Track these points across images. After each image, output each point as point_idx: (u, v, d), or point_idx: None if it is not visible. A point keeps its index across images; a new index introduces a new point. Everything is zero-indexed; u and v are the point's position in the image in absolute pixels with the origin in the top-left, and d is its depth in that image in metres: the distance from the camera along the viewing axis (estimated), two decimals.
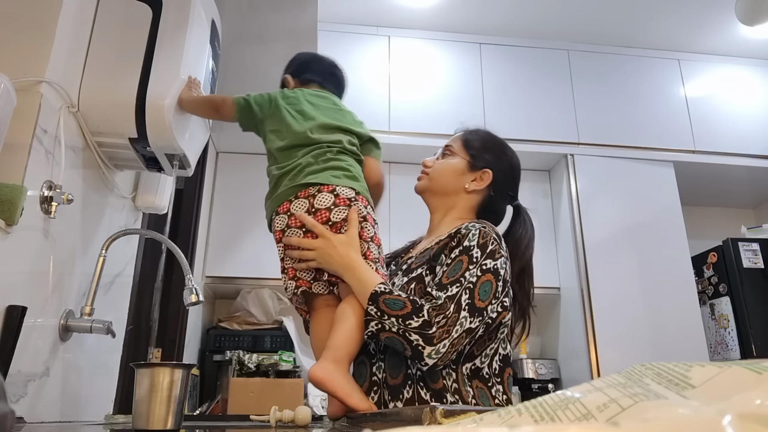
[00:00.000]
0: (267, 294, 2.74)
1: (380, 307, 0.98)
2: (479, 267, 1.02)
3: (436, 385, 1.02)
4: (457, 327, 0.95)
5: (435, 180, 1.25)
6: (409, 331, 0.95)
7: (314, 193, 1.10)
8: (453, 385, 1.02)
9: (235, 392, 2.32)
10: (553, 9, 2.93)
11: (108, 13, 1.31)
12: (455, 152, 1.26)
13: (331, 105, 1.29)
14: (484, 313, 0.99)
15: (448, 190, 1.23)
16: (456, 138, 1.30)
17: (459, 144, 1.28)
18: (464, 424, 0.33)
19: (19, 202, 0.97)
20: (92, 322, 1.23)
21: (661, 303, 2.70)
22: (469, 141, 1.27)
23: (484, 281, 1.01)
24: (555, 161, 3.04)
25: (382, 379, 1.07)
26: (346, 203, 1.09)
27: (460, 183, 1.23)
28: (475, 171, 1.23)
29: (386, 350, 1.07)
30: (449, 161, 1.25)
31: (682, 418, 0.23)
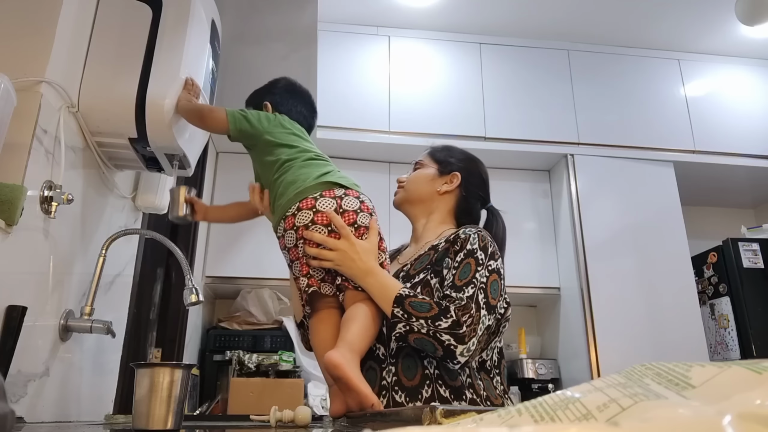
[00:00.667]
0: (267, 294, 2.74)
1: (407, 309, 1.03)
2: (486, 268, 1.09)
3: (455, 383, 1.06)
4: (480, 325, 1.03)
5: (410, 190, 1.33)
6: (440, 332, 1.00)
7: (341, 195, 1.12)
8: (467, 380, 1.07)
9: (235, 392, 2.32)
10: (553, 9, 2.93)
11: (108, 13, 1.30)
12: (424, 164, 1.36)
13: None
14: (496, 310, 1.08)
15: (423, 196, 1.31)
16: (423, 154, 1.40)
17: (427, 157, 1.38)
18: (464, 424, 0.33)
19: (19, 202, 0.97)
20: (92, 322, 1.23)
21: (661, 303, 2.70)
22: (435, 152, 1.37)
23: (493, 281, 1.09)
24: (555, 161, 3.04)
25: (392, 383, 1.08)
26: (369, 211, 1.14)
27: (432, 188, 1.31)
28: (444, 176, 1.32)
29: (398, 354, 1.09)
30: (420, 171, 1.35)
31: (682, 418, 0.23)
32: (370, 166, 2.98)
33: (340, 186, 1.14)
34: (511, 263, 3.27)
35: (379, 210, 1.26)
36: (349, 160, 2.97)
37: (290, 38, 2.05)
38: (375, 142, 2.84)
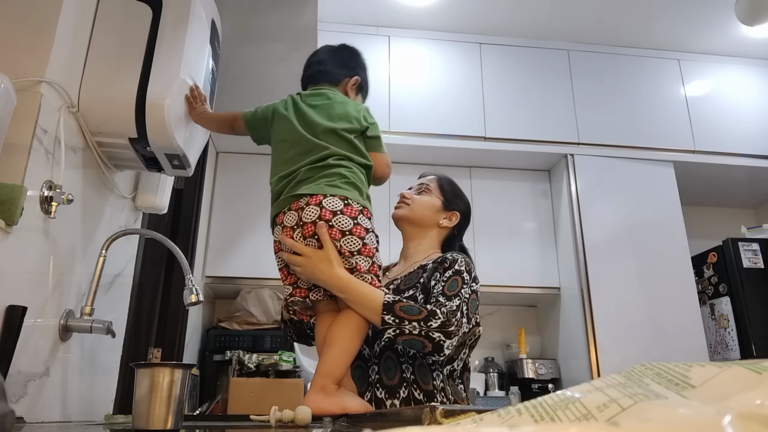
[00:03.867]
0: (267, 294, 2.74)
1: (397, 314, 1.10)
2: (469, 287, 1.23)
3: (427, 387, 1.18)
4: (462, 328, 1.16)
5: (415, 211, 1.41)
6: (431, 331, 1.10)
7: (303, 206, 1.12)
8: (440, 384, 1.19)
9: (235, 392, 2.32)
10: (553, 9, 2.93)
11: (108, 13, 1.30)
12: (432, 191, 1.44)
13: (325, 103, 1.27)
14: (472, 322, 1.22)
15: (425, 222, 1.41)
16: (432, 179, 1.48)
17: (435, 185, 1.46)
18: (464, 424, 0.33)
19: (19, 202, 0.97)
20: (92, 322, 1.23)
21: (661, 303, 2.70)
22: (444, 185, 1.46)
23: (473, 299, 1.23)
24: (555, 161, 3.04)
25: (375, 380, 1.21)
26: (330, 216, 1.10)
27: (435, 218, 1.41)
28: (446, 211, 1.42)
29: (381, 355, 1.21)
30: (428, 198, 1.43)
31: (682, 418, 0.23)
32: None
33: (303, 196, 1.12)
34: (511, 263, 3.28)
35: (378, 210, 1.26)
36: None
37: (290, 38, 2.04)
38: None
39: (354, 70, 1.39)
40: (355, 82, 1.37)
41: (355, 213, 1.12)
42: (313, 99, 1.28)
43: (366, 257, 1.12)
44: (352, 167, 1.18)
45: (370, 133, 1.25)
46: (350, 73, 1.38)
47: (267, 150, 1.61)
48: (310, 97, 1.29)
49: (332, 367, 1.11)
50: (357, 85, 1.38)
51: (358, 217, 1.12)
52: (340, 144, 1.19)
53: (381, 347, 1.22)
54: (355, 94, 1.38)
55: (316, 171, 1.14)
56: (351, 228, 1.10)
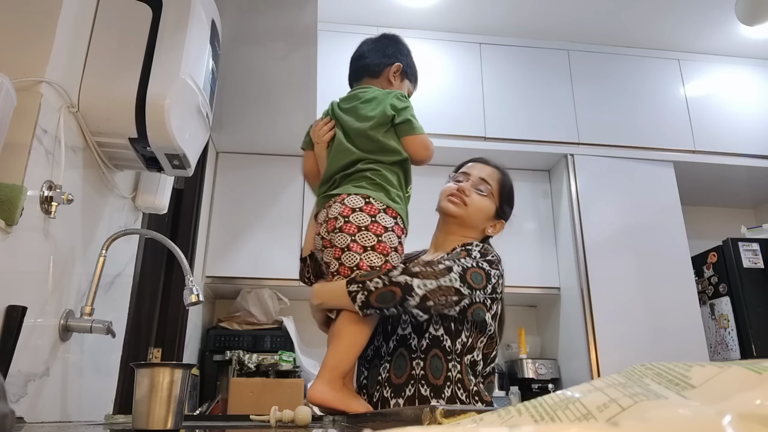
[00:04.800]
0: (267, 294, 2.74)
1: (358, 280, 1.09)
2: (475, 261, 1.17)
3: (437, 381, 1.12)
4: (447, 279, 1.09)
5: (470, 215, 1.33)
6: (394, 277, 1.07)
7: (331, 204, 1.19)
8: (457, 375, 1.13)
9: (235, 392, 2.32)
10: (553, 9, 2.93)
11: (108, 13, 1.30)
12: (492, 193, 1.35)
13: (357, 104, 1.32)
14: (473, 291, 1.13)
15: (474, 226, 1.34)
16: (495, 176, 1.37)
17: (496, 186, 1.36)
18: (464, 424, 0.33)
19: (19, 202, 0.97)
20: (92, 322, 1.23)
21: (661, 303, 2.70)
22: (504, 188, 1.37)
23: (476, 272, 1.15)
24: (555, 161, 3.04)
25: (384, 379, 1.17)
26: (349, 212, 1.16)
27: (485, 225, 1.35)
28: (496, 218, 1.35)
29: (393, 353, 1.18)
30: (486, 203, 1.34)
31: (682, 418, 0.23)
32: None
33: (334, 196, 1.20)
34: (511, 263, 3.27)
35: None
36: None
37: (290, 38, 2.04)
38: None
39: (394, 57, 1.40)
40: (396, 69, 1.39)
41: (374, 211, 1.16)
42: (345, 103, 1.34)
43: (379, 254, 1.14)
44: (380, 169, 1.22)
45: (398, 119, 1.26)
46: (390, 61, 1.39)
47: (267, 150, 1.63)
48: (343, 101, 1.35)
49: (339, 361, 1.12)
50: (399, 71, 1.39)
51: (378, 215, 1.16)
52: (369, 146, 1.24)
53: (393, 345, 1.19)
54: (401, 81, 1.39)
55: (347, 177, 1.22)
56: (368, 224, 1.14)
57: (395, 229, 1.18)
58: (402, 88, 1.39)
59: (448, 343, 1.15)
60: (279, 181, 2.91)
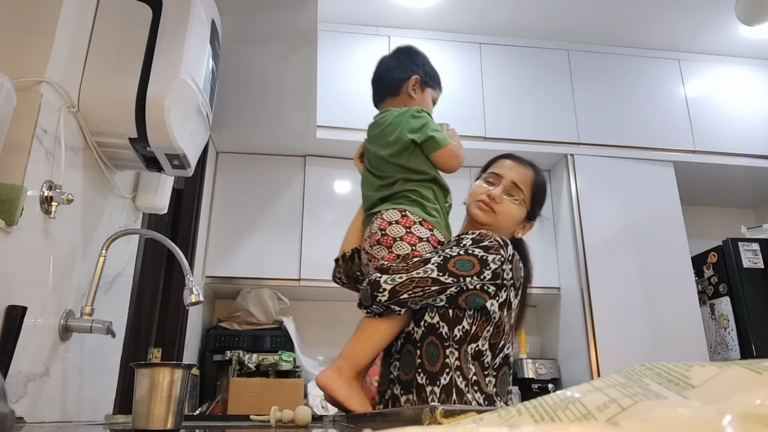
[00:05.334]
0: (267, 294, 2.74)
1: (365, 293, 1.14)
2: (463, 249, 1.15)
3: (433, 368, 1.12)
4: (419, 271, 1.10)
5: (500, 223, 1.31)
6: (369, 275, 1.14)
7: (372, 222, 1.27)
8: (455, 362, 1.12)
9: (235, 392, 2.32)
10: (553, 9, 2.92)
11: (108, 13, 1.30)
12: (524, 199, 1.32)
13: (378, 132, 1.36)
14: (459, 279, 1.11)
15: (504, 232, 1.31)
16: (528, 180, 1.33)
17: (528, 191, 1.33)
18: (464, 424, 0.33)
19: (19, 202, 0.97)
20: (92, 322, 1.23)
21: (661, 303, 2.70)
22: (537, 192, 1.34)
23: (464, 259, 1.13)
24: (555, 161, 3.04)
25: (396, 376, 1.18)
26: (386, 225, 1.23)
27: (514, 229, 1.34)
28: (527, 222, 1.35)
29: (401, 351, 1.19)
30: (517, 210, 1.32)
31: (682, 418, 0.23)
32: None
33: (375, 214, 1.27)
34: None
35: None
36: (350, 160, 2.97)
37: (290, 38, 2.04)
38: None
39: (410, 70, 1.41)
40: (414, 82, 1.39)
41: (410, 223, 1.22)
42: (371, 130, 1.39)
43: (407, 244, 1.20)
44: (416, 188, 1.27)
45: (420, 138, 1.28)
46: (406, 75, 1.40)
47: (267, 150, 1.63)
48: (370, 128, 1.40)
49: (355, 352, 1.14)
50: (418, 83, 1.39)
51: (413, 226, 1.21)
52: (398, 170, 1.29)
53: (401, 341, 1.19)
54: (422, 92, 1.40)
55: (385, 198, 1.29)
56: (402, 235, 1.20)
57: (431, 240, 1.21)
58: (425, 98, 1.41)
59: (445, 329, 1.13)
60: (279, 181, 2.91)
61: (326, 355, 2.94)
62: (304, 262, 2.76)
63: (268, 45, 2.07)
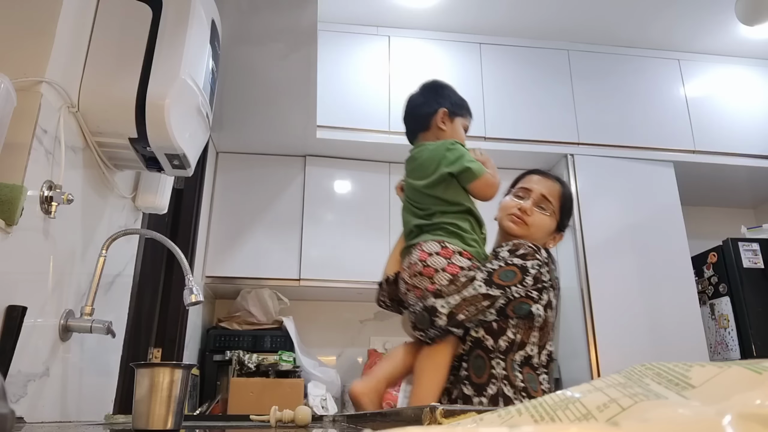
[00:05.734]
0: (267, 294, 2.74)
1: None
2: (503, 261, 1.23)
3: (480, 380, 1.17)
4: (470, 289, 1.17)
5: (533, 235, 1.36)
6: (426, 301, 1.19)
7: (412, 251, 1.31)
8: (502, 372, 1.17)
9: (235, 392, 2.32)
10: (553, 9, 2.92)
11: (108, 13, 1.30)
12: (553, 210, 1.38)
13: (415, 165, 1.40)
14: (505, 289, 1.19)
15: (538, 242, 1.35)
16: (556, 192, 1.40)
17: (557, 203, 1.39)
18: (464, 424, 0.33)
19: (19, 202, 0.97)
20: (92, 322, 1.23)
21: (661, 303, 2.70)
22: (565, 204, 1.41)
23: (506, 270, 1.21)
24: (555, 161, 3.04)
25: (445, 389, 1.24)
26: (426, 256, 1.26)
27: (545, 240, 1.39)
28: (557, 233, 1.41)
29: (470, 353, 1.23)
30: (548, 221, 1.38)
31: (682, 418, 0.23)
32: (370, 166, 2.98)
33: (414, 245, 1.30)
34: None
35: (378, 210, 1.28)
36: (349, 160, 2.98)
37: (290, 38, 2.04)
38: (375, 142, 2.84)
39: (436, 104, 1.44)
40: (442, 114, 1.42)
41: (449, 254, 1.25)
42: (409, 164, 1.43)
43: (447, 274, 1.25)
44: (452, 219, 1.30)
45: (455, 171, 1.31)
46: (433, 108, 1.43)
47: (267, 150, 1.62)
48: (407, 162, 1.44)
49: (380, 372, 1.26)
50: (446, 115, 1.42)
51: (453, 257, 1.24)
52: (434, 202, 1.33)
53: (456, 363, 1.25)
54: (451, 122, 1.42)
55: (424, 228, 1.33)
56: (444, 266, 1.23)
57: (472, 268, 1.25)
58: (455, 128, 1.43)
59: (490, 342, 1.19)
60: (279, 181, 2.91)
61: (326, 355, 2.94)
62: (304, 262, 2.76)
63: (269, 45, 2.07)
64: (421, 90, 1.52)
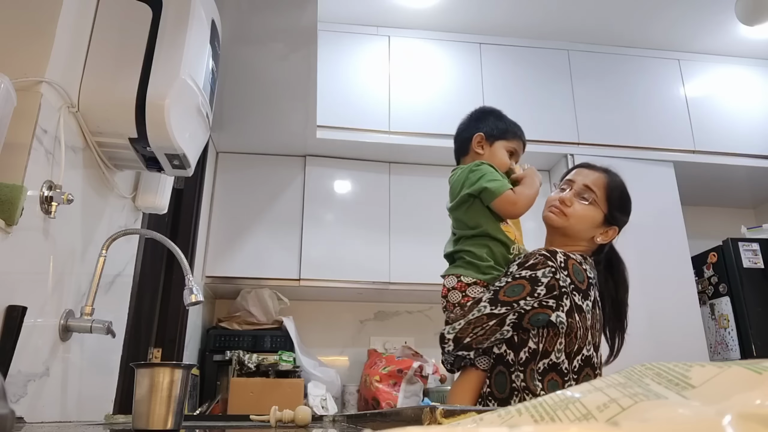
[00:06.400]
0: (267, 294, 2.74)
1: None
2: (510, 276, 1.22)
3: (502, 395, 1.18)
4: (474, 312, 1.19)
5: (573, 225, 1.31)
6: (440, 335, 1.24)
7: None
8: (521, 384, 1.16)
9: (235, 392, 2.32)
10: (553, 9, 2.92)
11: (108, 13, 1.30)
12: (597, 200, 1.32)
13: (449, 191, 1.42)
14: (513, 305, 1.17)
15: (578, 235, 1.32)
16: (600, 182, 1.34)
17: (602, 193, 1.33)
18: (464, 424, 0.33)
19: (19, 202, 0.97)
20: (92, 322, 1.23)
21: (661, 303, 2.70)
22: (612, 194, 1.34)
23: (513, 285, 1.20)
24: (555, 161, 3.04)
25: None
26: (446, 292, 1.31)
27: (591, 234, 1.32)
28: (607, 225, 1.32)
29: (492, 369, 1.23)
30: (591, 211, 1.31)
31: (682, 418, 0.23)
32: (370, 166, 2.98)
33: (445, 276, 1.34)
34: None
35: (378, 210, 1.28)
36: (349, 160, 2.98)
37: (290, 38, 2.04)
38: (375, 142, 2.84)
39: (474, 129, 1.46)
40: (478, 139, 1.44)
41: (464, 287, 1.28)
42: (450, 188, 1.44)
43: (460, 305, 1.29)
44: (469, 248, 1.32)
45: (474, 192, 1.32)
46: (470, 133, 1.46)
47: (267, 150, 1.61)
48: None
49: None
50: (482, 140, 1.44)
51: (467, 289, 1.27)
52: (458, 224, 1.37)
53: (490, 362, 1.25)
54: (490, 146, 1.44)
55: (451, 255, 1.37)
56: (460, 300, 1.27)
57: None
58: (494, 152, 1.43)
59: (511, 356, 1.19)
60: (279, 181, 2.91)
61: (326, 355, 2.94)
62: (304, 262, 2.76)
63: (268, 45, 2.07)
64: (467, 116, 1.55)
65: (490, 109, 1.52)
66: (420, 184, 2.95)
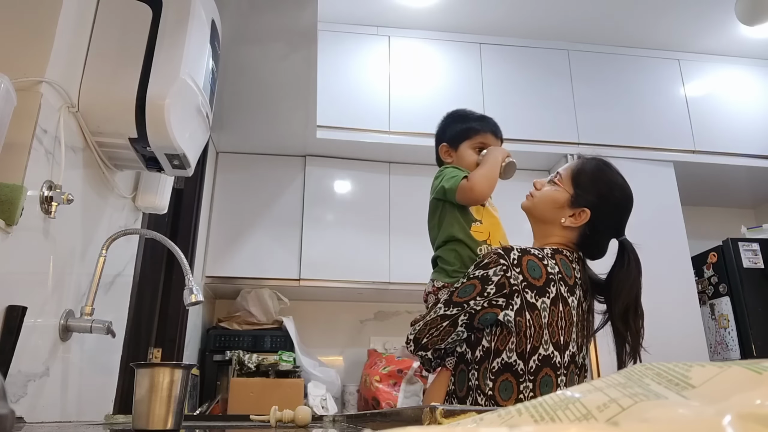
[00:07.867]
0: (267, 294, 2.74)
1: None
2: (465, 277, 1.23)
3: (461, 393, 1.19)
4: (431, 314, 1.22)
5: (536, 206, 1.33)
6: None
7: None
8: (475, 383, 1.17)
9: (235, 392, 2.32)
10: (553, 9, 2.92)
11: (108, 13, 1.30)
12: (562, 183, 1.30)
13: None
14: (463, 306, 1.18)
15: (545, 218, 1.32)
16: (567, 167, 1.33)
17: (568, 175, 1.31)
18: (464, 424, 0.33)
19: (19, 202, 0.97)
20: (92, 322, 1.23)
21: (661, 303, 2.69)
22: (579, 176, 1.29)
23: (465, 286, 1.20)
24: (555, 161, 3.04)
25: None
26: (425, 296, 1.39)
27: (556, 216, 1.29)
28: (574, 207, 1.28)
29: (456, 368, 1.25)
30: (552, 192, 1.30)
31: (682, 418, 0.23)
32: (370, 166, 2.98)
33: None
34: None
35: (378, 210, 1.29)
36: (349, 160, 2.98)
37: (290, 38, 2.04)
38: (375, 142, 2.84)
39: (438, 140, 1.50)
40: (444, 149, 1.47)
41: (436, 291, 1.33)
42: None
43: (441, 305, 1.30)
44: (439, 254, 1.37)
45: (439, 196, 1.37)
46: (437, 145, 1.49)
47: (267, 150, 1.61)
48: None
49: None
50: (446, 149, 1.46)
51: (438, 293, 1.32)
52: (433, 233, 1.41)
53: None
54: (455, 151, 1.45)
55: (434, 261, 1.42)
56: (434, 303, 1.30)
57: None
58: (461, 156, 1.43)
59: (469, 354, 1.20)
60: (279, 181, 2.92)
61: (326, 355, 2.94)
62: (304, 262, 2.76)
63: (268, 45, 2.07)
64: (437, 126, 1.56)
65: (452, 114, 1.52)
66: (420, 184, 2.94)
